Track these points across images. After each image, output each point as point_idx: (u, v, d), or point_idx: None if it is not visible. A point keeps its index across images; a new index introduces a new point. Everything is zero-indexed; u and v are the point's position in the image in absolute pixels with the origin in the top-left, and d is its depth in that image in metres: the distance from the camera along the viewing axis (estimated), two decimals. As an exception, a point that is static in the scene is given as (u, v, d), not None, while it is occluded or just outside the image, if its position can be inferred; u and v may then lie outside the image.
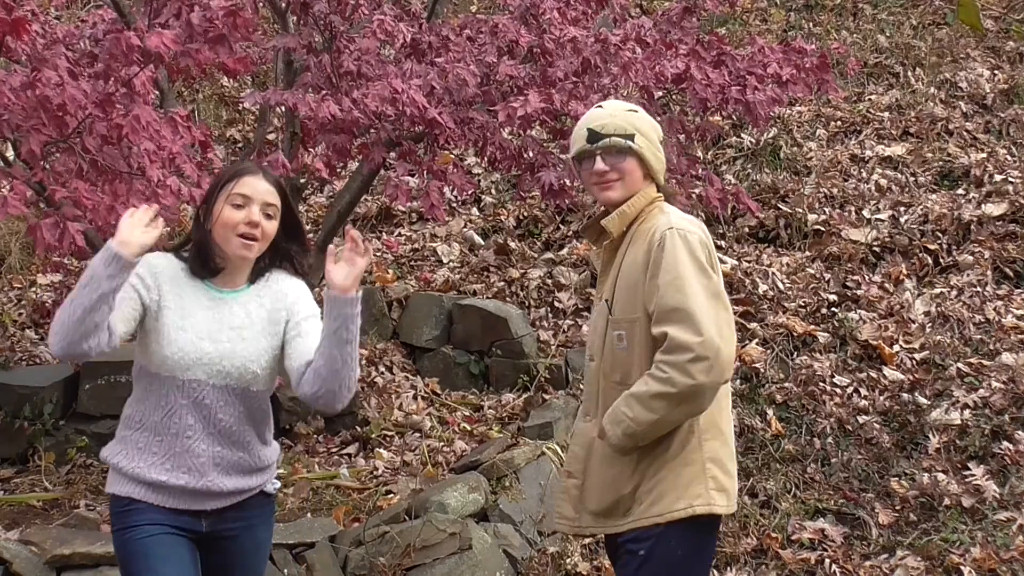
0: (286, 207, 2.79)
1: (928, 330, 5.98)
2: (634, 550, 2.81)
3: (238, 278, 2.82)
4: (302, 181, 5.51)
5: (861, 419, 5.50)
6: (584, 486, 2.90)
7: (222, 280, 2.80)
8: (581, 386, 5.66)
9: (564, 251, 6.96)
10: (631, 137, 2.89)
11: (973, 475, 5.08)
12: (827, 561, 4.76)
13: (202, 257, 2.75)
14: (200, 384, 2.72)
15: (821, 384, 5.73)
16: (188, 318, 2.72)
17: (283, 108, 4.77)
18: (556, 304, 6.47)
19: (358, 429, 5.55)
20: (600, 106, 3.04)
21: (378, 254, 7.09)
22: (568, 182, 4.84)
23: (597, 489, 2.87)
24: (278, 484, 2.98)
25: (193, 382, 2.71)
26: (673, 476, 2.80)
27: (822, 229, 6.83)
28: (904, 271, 6.46)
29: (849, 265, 6.56)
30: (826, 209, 7.00)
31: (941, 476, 5.11)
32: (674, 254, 2.75)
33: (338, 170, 5.25)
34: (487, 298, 6.42)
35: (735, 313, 3.62)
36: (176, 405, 2.72)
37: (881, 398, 5.60)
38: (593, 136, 2.90)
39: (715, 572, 4.74)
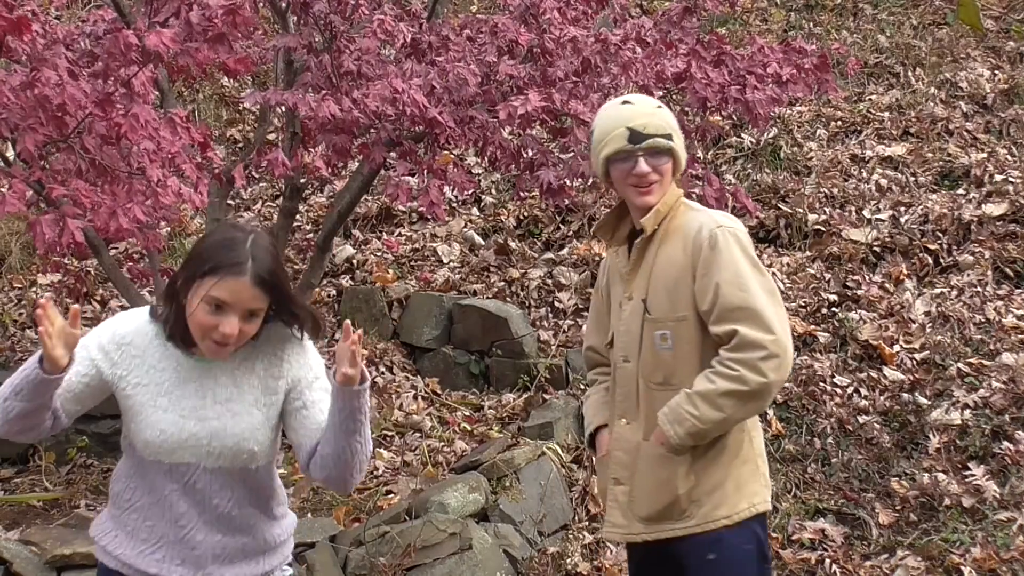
0: (280, 297, 2.35)
1: (928, 330, 5.97)
2: (704, 555, 2.78)
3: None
4: (302, 181, 5.51)
5: (861, 419, 5.50)
6: (633, 491, 2.84)
7: (204, 351, 2.41)
8: (582, 386, 5.66)
9: (564, 251, 6.96)
10: (670, 137, 2.82)
11: (973, 475, 5.07)
12: (827, 561, 4.76)
13: (180, 331, 2.35)
14: (190, 468, 2.38)
15: (821, 384, 5.73)
16: (167, 394, 2.36)
17: (283, 108, 4.77)
18: (556, 304, 6.47)
19: (358, 429, 5.54)
20: (629, 102, 2.89)
21: (378, 254, 7.09)
22: (568, 182, 4.84)
23: (649, 493, 2.81)
24: (290, 572, 2.64)
25: (181, 466, 2.38)
26: (734, 475, 2.80)
27: (822, 229, 6.82)
28: (904, 271, 6.45)
29: (849, 265, 6.55)
30: (826, 209, 7.00)
31: (941, 476, 5.11)
32: (730, 252, 2.74)
33: (338, 170, 5.24)
34: (487, 298, 6.41)
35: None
36: (166, 491, 2.40)
37: (881, 398, 5.60)
38: (635, 136, 2.78)
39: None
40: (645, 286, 2.83)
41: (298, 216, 6.87)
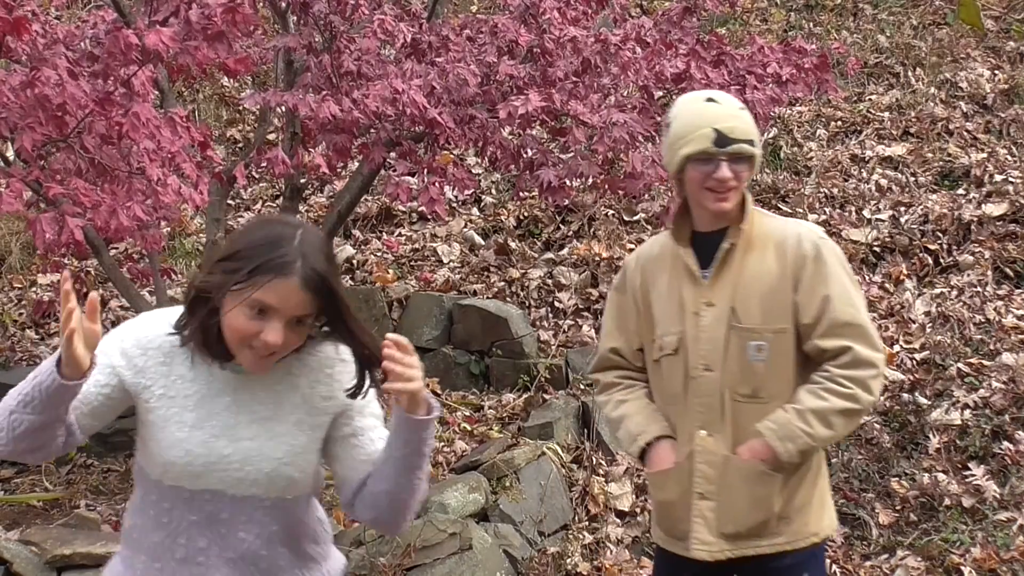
0: (332, 303, 1.99)
1: (928, 330, 5.97)
2: (799, 572, 2.75)
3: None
4: (302, 181, 5.51)
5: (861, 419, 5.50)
6: (722, 507, 2.71)
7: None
8: (582, 386, 5.66)
9: (564, 251, 6.96)
10: (752, 142, 2.69)
11: (973, 475, 5.07)
12: (827, 561, 4.76)
13: (207, 341, 2.00)
14: (215, 496, 2.03)
15: (821, 384, 5.72)
16: (196, 409, 2.02)
17: (283, 108, 4.77)
18: (556, 304, 6.47)
19: (358, 429, 5.54)
20: (714, 100, 2.73)
21: (378, 254, 7.09)
22: (568, 182, 4.84)
23: (741, 509, 2.70)
24: None
25: (206, 493, 2.02)
26: (818, 492, 2.79)
27: (823, 229, 6.82)
28: (904, 271, 6.45)
29: (849, 265, 6.55)
30: (826, 209, 7.00)
31: (941, 476, 5.11)
32: (834, 266, 2.70)
33: (338, 170, 5.24)
34: (487, 298, 6.41)
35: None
36: (183, 523, 2.04)
37: (881, 398, 5.60)
38: (722, 140, 2.63)
39: (715, 572, 4.74)
40: (731, 294, 2.70)
41: (298, 216, 6.87)
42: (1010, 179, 6.93)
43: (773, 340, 2.67)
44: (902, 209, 6.89)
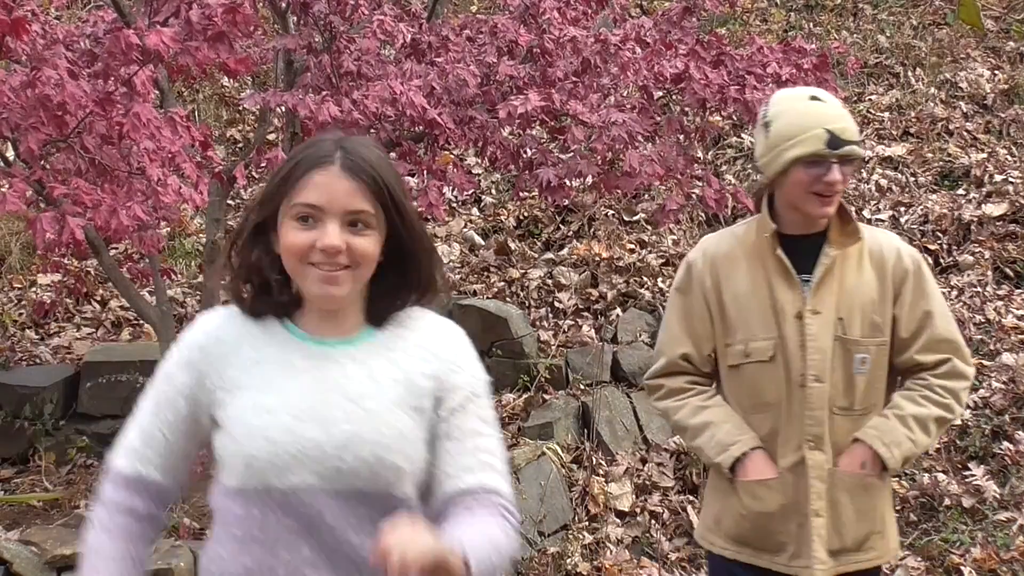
0: (392, 205, 1.72)
1: (928, 330, 5.97)
2: None
3: (345, 318, 1.78)
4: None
5: (861, 419, 5.50)
6: (832, 523, 2.62)
7: (320, 323, 1.77)
8: (582, 386, 5.66)
9: (564, 251, 6.96)
10: (861, 144, 2.61)
11: (973, 475, 5.07)
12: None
13: (266, 286, 1.77)
14: (311, 493, 1.67)
15: (821, 384, 5.72)
16: (275, 391, 1.71)
17: (283, 108, 4.78)
18: (556, 304, 6.47)
19: (358, 429, 5.55)
20: (819, 98, 2.61)
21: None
22: (568, 181, 4.84)
23: (848, 524, 2.63)
24: None
25: (300, 491, 1.67)
26: (891, 506, 2.79)
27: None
28: (904, 271, 6.46)
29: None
30: (826, 209, 7.00)
31: (941, 476, 5.11)
32: (933, 282, 2.69)
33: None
34: (487, 298, 6.41)
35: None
36: (280, 532, 1.68)
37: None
38: (835, 141, 2.51)
39: (715, 572, 4.74)
40: (835, 302, 2.61)
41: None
42: (1010, 179, 6.93)
43: (875, 352, 2.62)
44: (902, 209, 6.89)
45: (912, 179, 7.23)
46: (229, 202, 6.38)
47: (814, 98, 2.61)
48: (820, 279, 2.62)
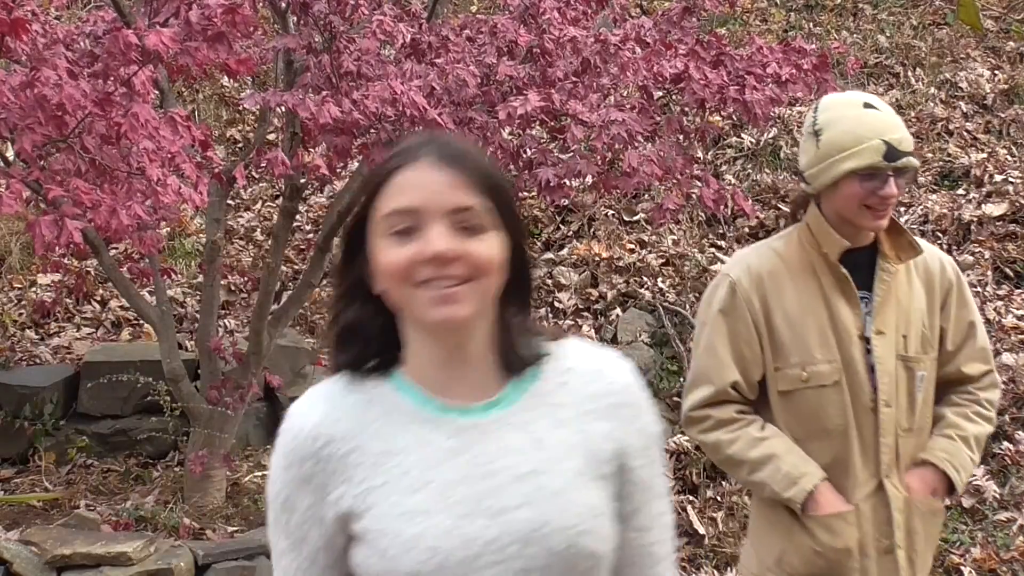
0: (505, 202, 1.39)
1: (928, 330, 5.97)
2: None
3: (472, 361, 1.40)
4: (302, 181, 5.51)
5: (861, 419, 5.50)
6: (909, 553, 2.51)
7: (440, 374, 1.40)
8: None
9: (564, 251, 6.96)
10: (915, 154, 2.49)
11: (973, 475, 5.07)
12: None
13: (371, 343, 1.42)
14: None
15: (821, 384, 5.72)
16: (423, 486, 1.36)
17: (283, 109, 4.78)
18: (556, 304, 6.47)
19: (358, 429, 5.55)
20: (873, 106, 2.48)
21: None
22: (568, 181, 4.84)
23: (923, 552, 2.54)
24: None
25: None
26: None
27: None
28: (904, 271, 6.46)
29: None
30: (826, 209, 7.00)
31: (941, 476, 5.10)
32: (968, 289, 2.64)
33: (338, 170, 5.25)
34: (487, 298, 6.41)
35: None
36: None
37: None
38: (892, 153, 2.38)
39: (716, 572, 4.74)
40: (895, 320, 2.49)
41: (298, 216, 6.87)
42: (1010, 179, 6.93)
43: (930, 368, 2.53)
44: (902, 209, 6.89)
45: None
46: (229, 202, 6.38)
47: (868, 105, 2.47)
48: (883, 297, 2.49)
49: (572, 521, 1.35)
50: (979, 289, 6.19)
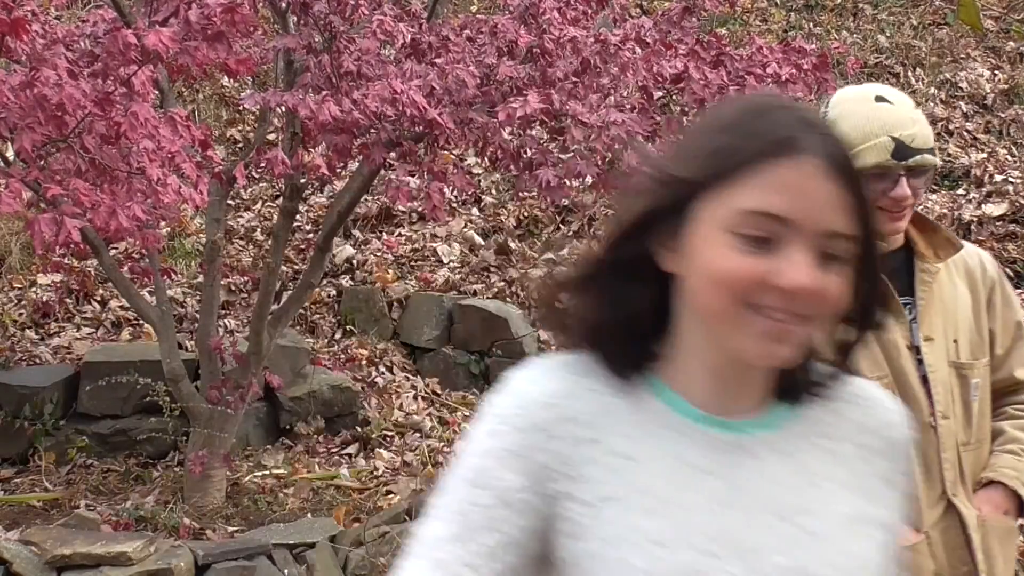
0: (872, 229, 1.14)
1: (928, 330, 5.97)
2: None
3: (748, 388, 1.15)
4: (302, 181, 5.52)
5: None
6: None
7: (713, 387, 1.14)
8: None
9: (564, 251, 6.96)
10: (933, 151, 2.25)
11: None
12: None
13: (634, 327, 1.16)
14: None
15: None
16: (666, 509, 1.09)
17: (283, 108, 4.78)
18: (556, 304, 6.47)
19: (358, 429, 5.55)
20: (885, 99, 2.25)
21: (378, 254, 7.09)
22: (568, 181, 4.84)
23: (1005, 574, 2.33)
24: None
25: None
26: None
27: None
28: (904, 271, 6.46)
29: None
30: (826, 209, 7.00)
31: (941, 476, 5.10)
32: (1010, 287, 2.47)
33: (338, 170, 5.25)
34: (487, 298, 6.42)
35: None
36: None
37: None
38: (902, 151, 2.17)
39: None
40: (943, 324, 2.28)
41: (298, 216, 6.87)
42: (1010, 179, 6.93)
43: (983, 374, 2.32)
44: (902, 209, 6.89)
45: (912, 179, 7.24)
46: (229, 202, 6.38)
47: (880, 99, 2.25)
48: (926, 301, 2.27)
49: (833, 574, 1.10)
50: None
